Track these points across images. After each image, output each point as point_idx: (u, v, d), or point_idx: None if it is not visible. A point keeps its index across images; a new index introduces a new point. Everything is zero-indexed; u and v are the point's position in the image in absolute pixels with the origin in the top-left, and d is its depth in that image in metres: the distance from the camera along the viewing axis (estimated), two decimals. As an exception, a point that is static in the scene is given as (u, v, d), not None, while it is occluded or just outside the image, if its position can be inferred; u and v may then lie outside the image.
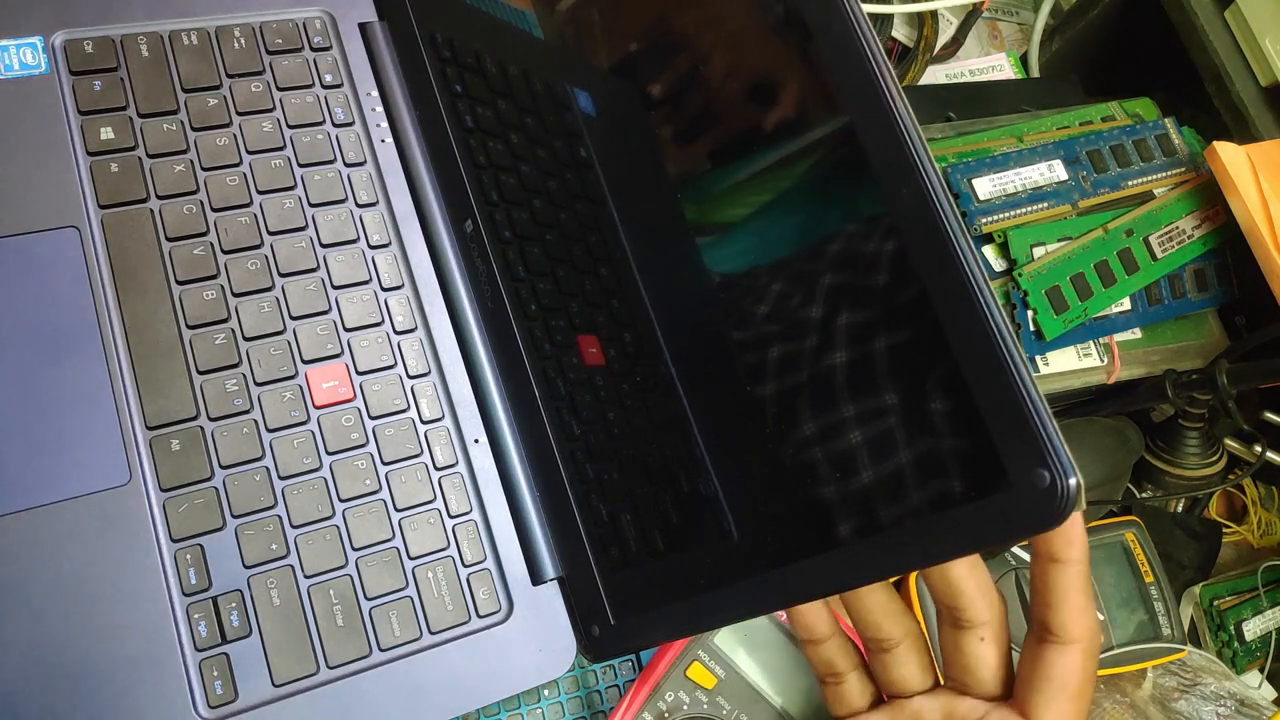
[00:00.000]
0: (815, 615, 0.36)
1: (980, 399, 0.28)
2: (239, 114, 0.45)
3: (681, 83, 0.38)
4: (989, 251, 0.50)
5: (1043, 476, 0.26)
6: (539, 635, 0.42)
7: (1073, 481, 0.26)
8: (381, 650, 0.40)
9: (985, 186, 0.50)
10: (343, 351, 0.43)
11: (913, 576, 0.53)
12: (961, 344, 0.28)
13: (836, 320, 0.32)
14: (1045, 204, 0.50)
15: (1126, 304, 0.51)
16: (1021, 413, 0.27)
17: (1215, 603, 0.58)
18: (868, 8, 0.61)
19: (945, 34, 0.67)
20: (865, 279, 0.31)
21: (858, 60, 0.30)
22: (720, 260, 0.37)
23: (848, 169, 0.31)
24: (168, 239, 0.42)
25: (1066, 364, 0.51)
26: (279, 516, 0.40)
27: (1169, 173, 0.53)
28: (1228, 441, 0.57)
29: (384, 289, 0.45)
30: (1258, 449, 0.56)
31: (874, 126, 0.30)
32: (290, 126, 0.46)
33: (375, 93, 0.48)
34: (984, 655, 0.34)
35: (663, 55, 0.39)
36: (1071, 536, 0.32)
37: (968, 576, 0.33)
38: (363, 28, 0.49)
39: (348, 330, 0.44)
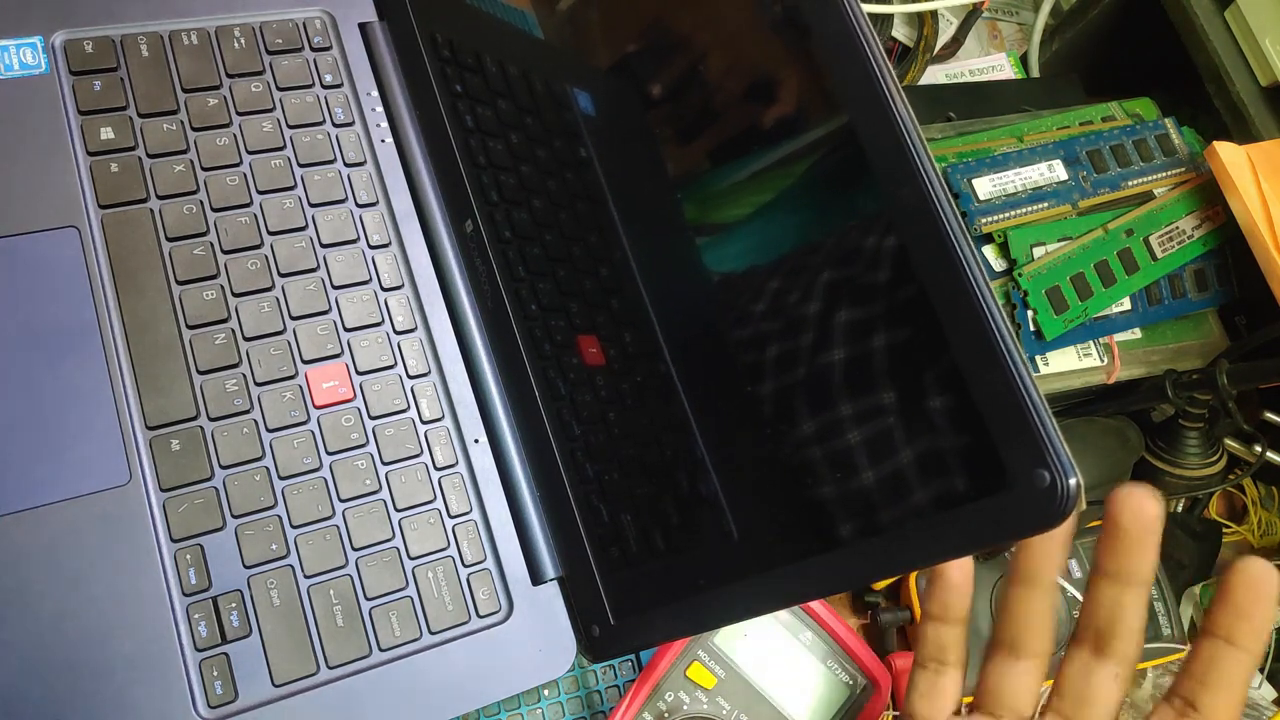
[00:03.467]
0: (959, 595, 0.34)
1: (980, 399, 0.28)
2: (239, 114, 0.45)
3: (681, 83, 0.38)
4: (989, 251, 0.50)
5: (1043, 476, 0.26)
6: (539, 635, 0.42)
7: (1073, 481, 0.26)
8: (381, 650, 0.40)
9: (985, 186, 0.50)
10: (343, 351, 0.43)
11: (913, 576, 0.53)
12: (961, 344, 0.28)
13: (835, 319, 0.32)
14: (1045, 204, 0.50)
15: (1126, 304, 0.51)
16: (1021, 413, 0.27)
17: (1215, 603, 0.58)
18: (868, 8, 0.61)
19: (945, 34, 0.67)
20: (864, 278, 0.31)
21: (858, 60, 0.30)
22: (720, 260, 0.37)
23: (848, 169, 0.31)
24: (168, 239, 0.42)
25: (1066, 364, 0.51)
26: (279, 516, 0.40)
27: (1169, 173, 0.53)
28: (1228, 441, 0.57)
29: (384, 289, 0.45)
30: (1258, 449, 0.56)
31: (874, 126, 0.30)
32: (290, 126, 0.46)
33: (375, 93, 0.48)
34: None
35: (662, 55, 0.39)
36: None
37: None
38: (363, 28, 0.49)
39: (348, 330, 0.44)
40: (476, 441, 0.44)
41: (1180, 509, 0.61)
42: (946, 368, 0.29)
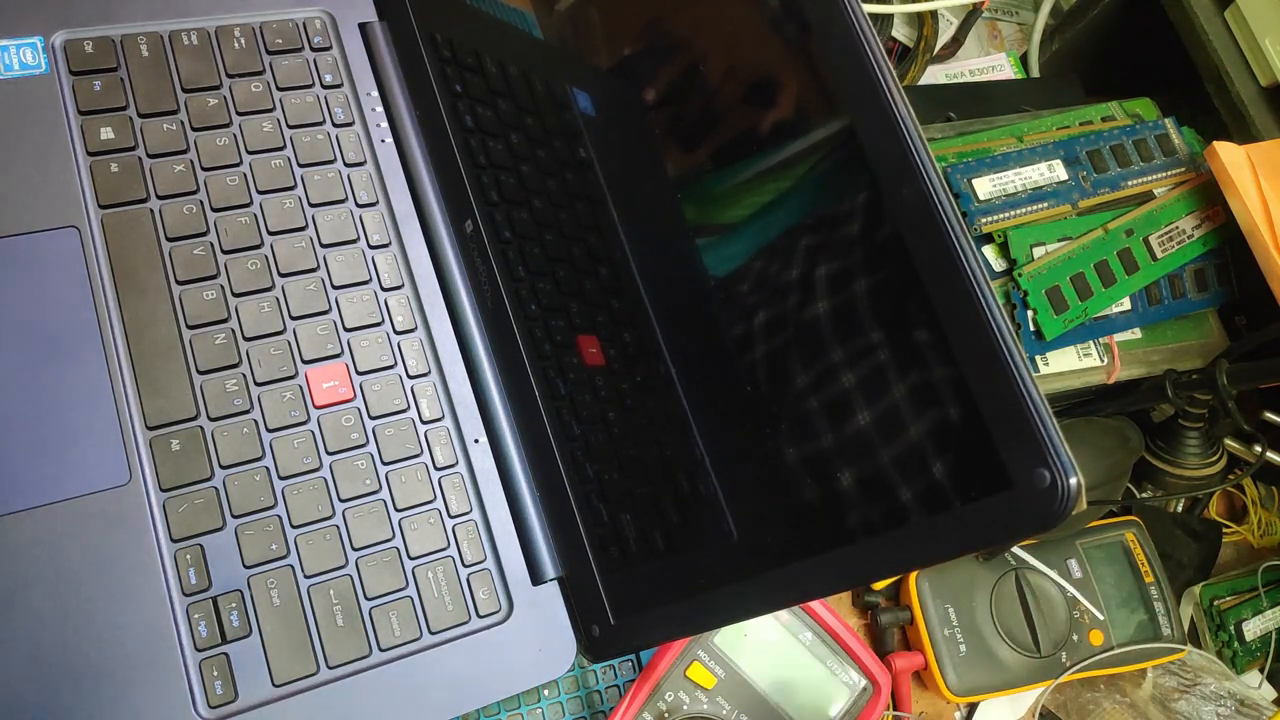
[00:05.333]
0: None
1: (981, 399, 0.28)
2: (239, 114, 0.45)
3: (681, 83, 0.38)
4: (989, 251, 0.50)
5: (1043, 476, 0.26)
6: (539, 635, 0.42)
7: (1073, 481, 0.26)
8: (381, 650, 0.40)
9: (985, 186, 0.50)
10: (343, 351, 0.43)
11: (913, 576, 0.53)
12: (962, 344, 0.28)
13: (836, 320, 0.32)
14: (1045, 204, 0.50)
15: (1126, 304, 0.51)
16: (1022, 413, 0.27)
17: (1215, 603, 0.58)
18: (868, 8, 0.61)
19: (945, 34, 0.67)
20: (865, 279, 0.31)
21: (858, 60, 0.30)
22: (720, 261, 0.37)
23: (848, 169, 0.31)
24: (168, 239, 0.42)
25: (1066, 364, 0.51)
26: (279, 516, 0.40)
27: (1169, 173, 0.53)
28: (1228, 441, 0.57)
29: (384, 289, 0.45)
30: (1258, 449, 0.56)
31: (874, 127, 0.30)
32: (290, 126, 0.46)
33: (375, 93, 0.48)
34: None
35: (663, 56, 0.39)
36: None
37: None
38: (363, 28, 0.49)
39: (348, 330, 0.44)
40: (476, 441, 0.44)
41: (1180, 509, 0.61)
42: (947, 368, 0.29)
